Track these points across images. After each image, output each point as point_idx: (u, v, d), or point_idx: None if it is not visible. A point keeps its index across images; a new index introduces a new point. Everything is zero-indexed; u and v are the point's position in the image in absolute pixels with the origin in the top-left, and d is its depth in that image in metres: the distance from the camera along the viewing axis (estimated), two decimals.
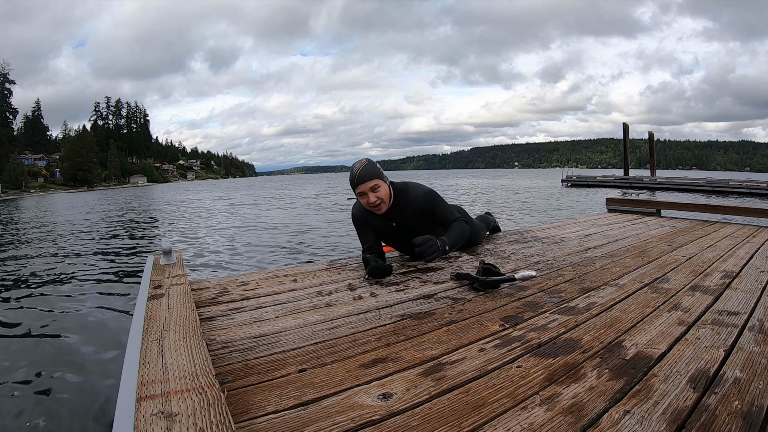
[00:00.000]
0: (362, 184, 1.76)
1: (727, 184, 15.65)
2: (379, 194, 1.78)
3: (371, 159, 1.84)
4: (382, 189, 1.80)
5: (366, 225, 1.92)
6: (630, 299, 1.33)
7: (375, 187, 1.77)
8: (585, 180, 22.87)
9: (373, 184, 1.77)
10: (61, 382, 2.14)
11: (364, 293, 1.47)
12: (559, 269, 1.75)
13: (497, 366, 0.90)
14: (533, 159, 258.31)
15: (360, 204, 1.91)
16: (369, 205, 1.80)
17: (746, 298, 1.30)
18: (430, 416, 0.71)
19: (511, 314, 1.22)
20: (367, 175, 1.77)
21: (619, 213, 3.68)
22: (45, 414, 1.87)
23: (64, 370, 2.28)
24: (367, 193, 1.77)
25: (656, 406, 0.73)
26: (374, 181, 1.77)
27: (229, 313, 1.28)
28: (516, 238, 2.52)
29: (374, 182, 1.77)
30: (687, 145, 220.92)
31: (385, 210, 1.84)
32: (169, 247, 1.71)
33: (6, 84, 73.04)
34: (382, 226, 1.90)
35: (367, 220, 1.91)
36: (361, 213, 1.92)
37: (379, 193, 1.78)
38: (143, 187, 61.61)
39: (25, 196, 48.50)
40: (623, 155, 26.36)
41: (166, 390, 0.70)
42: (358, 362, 0.93)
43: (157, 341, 0.91)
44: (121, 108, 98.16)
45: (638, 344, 0.98)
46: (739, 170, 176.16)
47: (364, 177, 1.76)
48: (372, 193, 1.77)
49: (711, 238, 2.43)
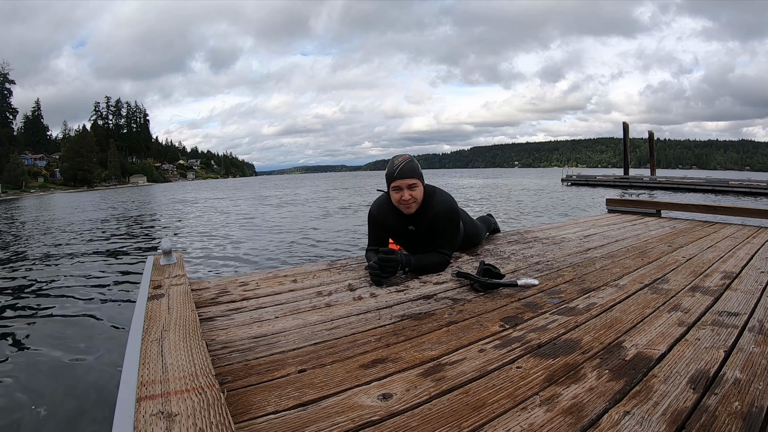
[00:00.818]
0: (402, 180, 1.71)
1: (727, 184, 15.65)
2: (414, 194, 1.73)
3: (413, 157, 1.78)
4: (419, 189, 1.75)
5: (382, 225, 1.86)
6: (630, 300, 1.33)
7: (413, 185, 1.73)
8: (585, 179, 22.87)
9: (412, 182, 1.72)
10: (61, 382, 2.14)
11: (364, 294, 1.47)
12: (559, 270, 1.75)
13: (497, 366, 0.90)
14: (533, 158, 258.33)
15: (380, 202, 1.86)
16: (401, 201, 1.74)
17: (746, 299, 1.30)
18: (430, 417, 0.72)
19: (511, 315, 1.22)
20: (410, 171, 1.72)
21: (619, 213, 3.68)
22: (45, 414, 1.87)
23: (64, 369, 2.28)
24: (404, 189, 1.72)
25: (656, 406, 0.73)
26: (414, 180, 1.72)
27: (229, 313, 1.28)
28: (516, 239, 2.51)
29: (414, 180, 1.72)
30: (687, 144, 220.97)
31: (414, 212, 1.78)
32: (169, 247, 1.71)
33: (6, 84, 73.05)
34: (399, 227, 1.85)
35: (385, 220, 1.85)
36: (381, 212, 1.86)
37: (415, 193, 1.74)
38: (143, 187, 61.63)
39: (25, 196, 48.50)
40: (623, 154, 26.36)
41: (166, 390, 0.70)
42: (358, 363, 0.93)
43: (157, 341, 0.91)
44: (121, 108, 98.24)
45: (638, 345, 0.99)
46: (739, 169, 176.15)
47: (406, 173, 1.71)
48: (408, 190, 1.73)
49: (711, 238, 2.43)
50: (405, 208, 1.76)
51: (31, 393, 2.04)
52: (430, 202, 1.79)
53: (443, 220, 1.80)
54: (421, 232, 1.82)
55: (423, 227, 1.81)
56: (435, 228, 1.80)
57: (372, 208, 1.90)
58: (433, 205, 1.79)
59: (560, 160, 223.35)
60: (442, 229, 1.80)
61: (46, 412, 1.89)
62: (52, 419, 1.83)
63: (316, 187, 31.35)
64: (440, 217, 1.79)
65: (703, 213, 3.42)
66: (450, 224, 1.82)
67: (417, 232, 1.83)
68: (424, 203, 1.79)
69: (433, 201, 1.80)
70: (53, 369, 2.28)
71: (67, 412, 1.88)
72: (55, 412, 1.89)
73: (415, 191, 1.73)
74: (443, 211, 1.79)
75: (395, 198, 1.76)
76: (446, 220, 1.80)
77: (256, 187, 37.51)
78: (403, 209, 1.77)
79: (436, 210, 1.79)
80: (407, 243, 1.90)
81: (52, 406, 1.93)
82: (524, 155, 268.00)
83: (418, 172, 1.74)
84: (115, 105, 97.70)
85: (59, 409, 1.91)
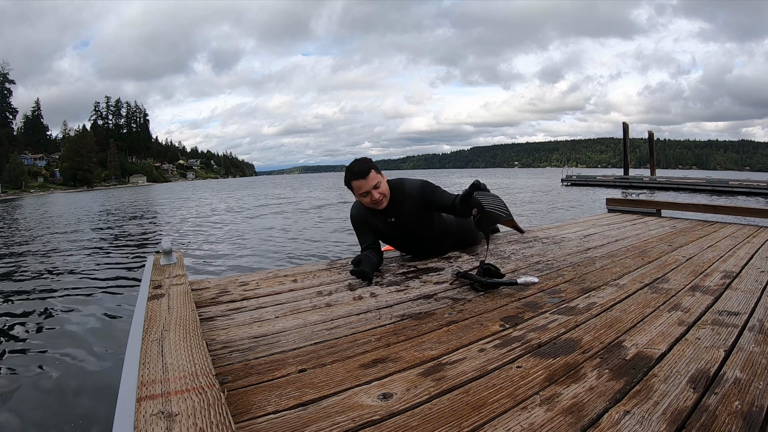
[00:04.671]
0: (364, 180, 1.77)
1: (727, 184, 15.64)
2: (380, 190, 1.80)
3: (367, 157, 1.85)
4: (383, 184, 1.82)
5: (365, 225, 1.92)
6: (630, 299, 1.33)
7: (377, 184, 1.79)
8: (585, 179, 22.86)
9: (375, 181, 1.78)
10: (61, 382, 2.14)
11: (364, 293, 1.47)
12: (559, 269, 1.75)
13: (497, 366, 0.90)
14: (533, 158, 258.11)
15: (357, 204, 1.92)
16: (372, 201, 1.81)
17: (746, 299, 1.30)
18: (430, 416, 0.71)
19: (511, 314, 1.22)
20: (367, 170, 1.78)
21: (619, 213, 3.68)
22: (45, 414, 1.87)
23: (64, 369, 2.28)
24: (370, 191, 1.78)
25: (656, 406, 0.73)
26: (375, 177, 1.79)
27: (229, 313, 1.28)
28: (516, 238, 2.51)
29: (376, 177, 1.79)
30: (687, 144, 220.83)
31: (386, 205, 1.84)
32: (169, 247, 1.71)
33: (6, 84, 73.03)
34: (381, 223, 1.90)
35: (366, 219, 1.91)
36: (360, 213, 1.92)
37: (381, 189, 1.80)
38: (143, 187, 61.62)
39: (25, 195, 48.48)
40: (623, 155, 26.33)
41: (166, 390, 0.70)
42: (358, 362, 0.93)
43: (157, 341, 0.91)
44: (120, 108, 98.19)
45: (638, 344, 0.99)
46: (739, 170, 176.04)
47: (364, 172, 1.77)
48: (374, 190, 1.79)
49: (711, 238, 2.43)
50: (378, 206, 1.83)
51: (31, 393, 2.04)
52: (402, 193, 1.87)
53: (427, 194, 1.87)
54: (402, 220, 1.88)
55: (403, 212, 1.87)
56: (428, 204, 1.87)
57: (352, 212, 1.96)
58: (408, 193, 1.87)
59: (560, 161, 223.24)
60: (433, 197, 1.87)
61: (46, 411, 1.89)
62: (52, 419, 1.83)
63: (316, 187, 31.34)
64: (423, 195, 1.87)
65: (703, 212, 3.42)
66: (433, 190, 1.89)
67: (398, 221, 1.89)
68: (394, 195, 1.86)
69: (406, 190, 1.88)
70: (53, 368, 2.28)
71: (67, 412, 1.88)
72: (55, 411, 1.89)
73: (380, 188, 1.80)
74: (419, 189, 1.88)
75: (366, 202, 1.83)
76: (429, 191, 1.88)
77: (256, 187, 37.48)
78: (376, 208, 1.84)
79: (414, 195, 1.87)
80: (393, 237, 1.97)
81: (52, 406, 1.93)
82: (524, 155, 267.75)
83: (375, 168, 1.81)
84: (115, 105, 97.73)
85: (59, 409, 1.91)
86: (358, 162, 1.82)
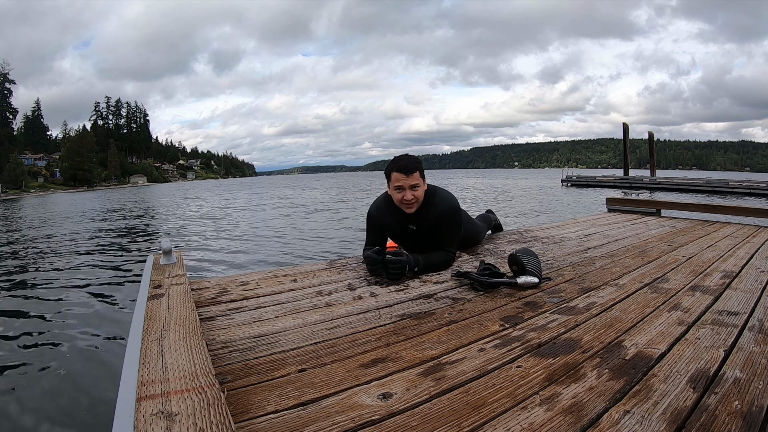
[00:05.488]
0: (405, 177, 1.69)
1: (727, 184, 15.65)
2: (417, 193, 1.72)
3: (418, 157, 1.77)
4: (421, 189, 1.74)
5: (381, 226, 1.85)
6: (630, 299, 1.33)
7: (416, 185, 1.71)
8: (585, 180, 22.87)
9: (415, 182, 1.70)
10: (61, 382, 2.14)
11: (364, 293, 1.47)
12: (559, 269, 1.75)
13: (497, 366, 0.90)
14: (533, 159, 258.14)
15: (380, 202, 1.85)
16: (403, 201, 1.72)
17: (746, 298, 1.30)
18: (430, 416, 0.71)
19: (511, 314, 1.22)
20: (413, 168, 1.70)
21: (619, 213, 3.68)
22: (45, 413, 1.87)
23: (64, 369, 2.28)
24: (406, 189, 1.70)
25: (656, 406, 0.73)
26: (417, 179, 1.71)
27: (229, 313, 1.28)
28: (516, 238, 2.51)
29: (417, 180, 1.71)
30: (686, 145, 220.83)
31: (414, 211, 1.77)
32: (169, 246, 1.71)
33: (6, 84, 73.01)
34: (399, 227, 1.83)
35: (384, 221, 1.83)
36: (380, 212, 1.84)
37: (417, 193, 1.72)
38: (143, 187, 61.63)
39: (25, 196, 48.47)
40: (623, 155, 26.35)
41: (166, 390, 0.70)
42: (358, 362, 0.93)
43: (157, 341, 0.91)
44: (121, 108, 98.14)
45: (638, 344, 0.98)
46: (739, 170, 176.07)
47: (410, 169, 1.69)
48: (410, 190, 1.71)
49: (711, 238, 2.43)
50: (407, 208, 1.75)
51: (31, 392, 2.04)
52: (432, 201, 1.79)
53: (447, 219, 1.79)
54: (422, 231, 1.82)
55: (424, 226, 1.80)
56: (439, 227, 1.79)
57: (371, 209, 1.89)
58: (435, 205, 1.79)
59: (560, 161, 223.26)
60: (447, 227, 1.80)
61: (46, 411, 1.89)
62: (53, 419, 1.83)
63: (316, 187, 31.35)
64: (444, 216, 1.78)
65: (703, 212, 3.42)
66: (454, 223, 1.82)
67: (418, 231, 1.82)
68: (426, 203, 1.78)
69: (435, 200, 1.79)
70: (53, 368, 2.28)
71: (67, 412, 1.88)
72: (56, 411, 1.89)
73: (417, 191, 1.72)
74: (446, 210, 1.79)
75: (397, 198, 1.74)
76: (450, 218, 1.80)
77: (256, 187, 37.48)
78: (404, 209, 1.76)
79: (440, 209, 1.78)
80: (407, 242, 1.90)
81: (52, 406, 1.93)
82: (524, 156, 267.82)
83: (422, 170, 1.73)
84: (115, 105, 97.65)
85: (59, 409, 1.91)
86: (407, 156, 1.74)
